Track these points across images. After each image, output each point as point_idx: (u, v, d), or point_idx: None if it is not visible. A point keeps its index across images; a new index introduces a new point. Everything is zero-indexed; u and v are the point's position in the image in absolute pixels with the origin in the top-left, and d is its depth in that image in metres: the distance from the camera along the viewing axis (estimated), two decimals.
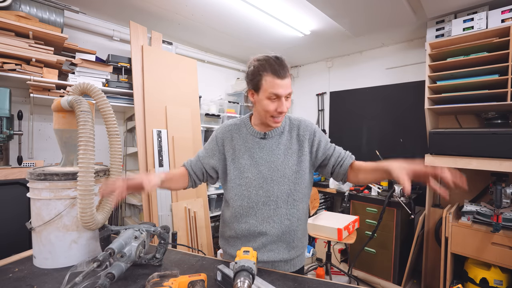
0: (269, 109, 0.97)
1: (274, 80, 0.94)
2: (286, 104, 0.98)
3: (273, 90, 0.94)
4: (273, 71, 0.93)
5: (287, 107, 0.99)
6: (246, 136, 1.08)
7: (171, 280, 0.71)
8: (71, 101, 0.90)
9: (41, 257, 0.90)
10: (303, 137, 1.07)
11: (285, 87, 0.95)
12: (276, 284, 0.83)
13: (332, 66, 3.76)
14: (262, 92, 0.97)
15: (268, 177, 1.02)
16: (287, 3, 2.22)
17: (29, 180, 0.90)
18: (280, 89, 0.94)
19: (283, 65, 0.95)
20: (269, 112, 0.97)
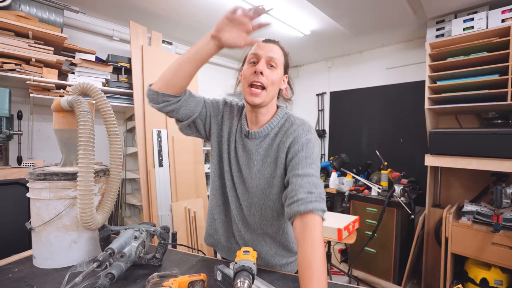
0: (246, 73, 0.85)
1: (258, 43, 0.86)
2: (268, 72, 0.84)
3: (252, 51, 0.86)
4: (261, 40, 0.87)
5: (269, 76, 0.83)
6: (238, 127, 0.96)
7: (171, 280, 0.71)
8: (71, 101, 0.90)
9: (41, 257, 0.89)
10: (285, 142, 0.86)
11: (266, 49, 0.85)
12: (276, 284, 0.83)
13: (332, 66, 3.76)
14: (245, 62, 0.89)
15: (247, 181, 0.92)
16: (287, 3, 2.22)
17: (29, 180, 0.90)
18: (259, 50, 0.85)
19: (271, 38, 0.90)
20: (246, 79, 0.85)
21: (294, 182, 0.76)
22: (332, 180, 3.02)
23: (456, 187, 2.54)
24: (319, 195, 0.74)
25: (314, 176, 0.77)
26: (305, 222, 0.70)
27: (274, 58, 0.85)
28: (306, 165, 0.78)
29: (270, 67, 0.85)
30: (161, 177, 2.31)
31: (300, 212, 0.71)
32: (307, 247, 0.66)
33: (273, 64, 0.85)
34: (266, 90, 0.84)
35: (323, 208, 0.72)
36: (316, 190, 0.74)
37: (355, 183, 2.99)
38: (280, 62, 0.87)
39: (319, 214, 0.71)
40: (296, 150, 0.82)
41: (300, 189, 0.74)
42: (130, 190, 2.83)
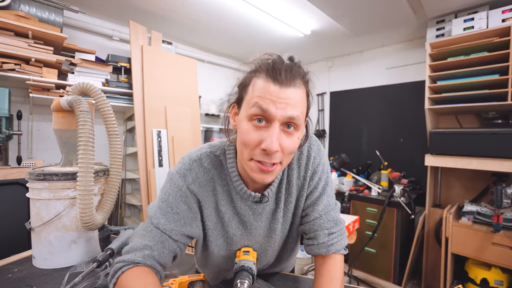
0: (247, 140, 0.55)
1: (267, 83, 0.54)
2: (284, 140, 0.55)
3: (258, 100, 0.53)
4: (269, 70, 0.54)
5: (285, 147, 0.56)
6: (231, 194, 0.68)
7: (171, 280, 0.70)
8: (71, 101, 0.90)
9: (40, 257, 0.89)
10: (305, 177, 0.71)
11: (284, 102, 0.53)
12: (276, 284, 0.83)
13: (332, 66, 3.76)
14: (244, 105, 0.58)
15: (268, 248, 0.76)
16: (287, 2, 2.22)
17: (29, 180, 0.90)
18: (271, 104, 0.52)
19: (291, 67, 0.54)
20: (248, 147, 0.56)
21: (313, 220, 0.70)
22: (332, 180, 3.01)
23: (456, 187, 2.54)
24: (340, 232, 0.71)
25: (333, 208, 0.72)
26: (326, 260, 0.69)
27: (295, 118, 0.54)
28: (326, 196, 0.72)
29: (287, 128, 0.56)
30: (161, 177, 2.30)
31: (323, 254, 0.69)
32: (325, 280, 0.66)
33: (293, 125, 0.56)
34: (282, 164, 0.59)
35: (344, 245, 0.71)
36: (336, 228, 0.71)
37: (355, 183, 2.98)
38: (302, 119, 0.57)
39: (340, 252, 0.70)
40: (316, 182, 0.71)
41: (321, 231, 0.69)
42: (130, 190, 2.83)
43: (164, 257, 0.62)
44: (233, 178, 0.66)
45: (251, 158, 0.57)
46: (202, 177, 0.66)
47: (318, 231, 0.70)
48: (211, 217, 0.69)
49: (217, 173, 0.68)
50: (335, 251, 0.69)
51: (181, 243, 0.65)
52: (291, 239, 0.80)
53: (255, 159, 0.56)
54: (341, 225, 0.73)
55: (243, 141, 0.57)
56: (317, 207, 0.71)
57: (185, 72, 2.66)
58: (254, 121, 0.55)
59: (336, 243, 0.69)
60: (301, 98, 0.56)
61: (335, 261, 0.68)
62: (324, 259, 0.69)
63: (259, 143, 0.55)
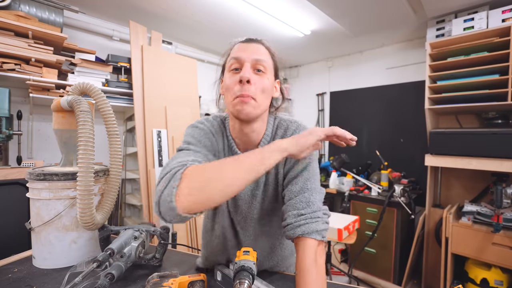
0: (228, 83, 0.69)
1: (239, 45, 0.73)
2: (256, 78, 0.69)
3: (233, 54, 0.71)
4: (240, 40, 0.75)
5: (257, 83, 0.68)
6: (225, 149, 0.81)
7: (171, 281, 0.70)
8: (71, 101, 0.90)
9: (40, 257, 0.89)
10: None
11: (251, 50, 0.70)
12: (276, 284, 0.83)
13: (332, 66, 3.76)
14: (226, 70, 0.74)
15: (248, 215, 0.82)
16: (287, 2, 2.22)
17: (29, 180, 0.90)
18: (242, 52, 0.70)
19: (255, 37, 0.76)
20: (229, 90, 0.69)
21: (288, 201, 0.71)
22: (332, 180, 3.01)
23: (456, 187, 2.54)
24: (311, 215, 0.67)
25: (309, 190, 0.70)
26: (297, 246, 0.67)
27: (261, 60, 0.70)
28: (302, 178, 0.72)
29: (257, 72, 0.70)
30: None
31: (291, 237, 0.67)
32: (297, 272, 0.64)
33: (261, 68, 0.70)
34: (256, 100, 0.68)
35: (315, 229, 0.65)
36: (308, 209, 0.67)
37: (355, 183, 2.98)
38: (269, 65, 0.72)
39: (310, 237, 0.65)
40: (293, 163, 0.74)
41: (291, 211, 0.69)
42: (130, 190, 2.83)
43: None
44: (229, 136, 0.79)
45: (233, 97, 0.68)
46: (216, 127, 0.80)
47: (289, 211, 0.69)
48: None
49: (220, 133, 0.81)
50: (302, 234, 0.65)
51: None
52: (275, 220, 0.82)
53: (235, 95, 0.67)
54: (314, 208, 0.68)
55: (226, 87, 0.71)
56: (291, 188, 0.72)
57: (185, 72, 2.66)
58: (232, 70, 0.70)
59: (304, 225, 0.65)
60: (265, 51, 0.73)
61: (304, 248, 0.64)
62: (297, 246, 0.66)
63: (236, 81, 0.68)
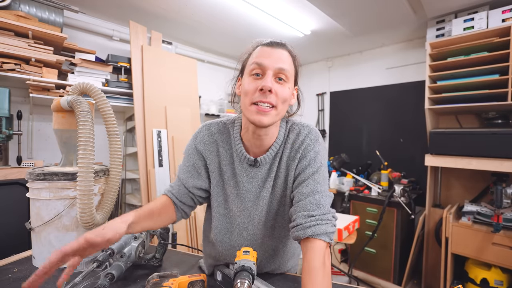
0: (248, 88, 0.69)
1: (262, 48, 0.71)
2: (278, 87, 0.68)
3: (256, 59, 0.69)
4: (264, 42, 0.73)
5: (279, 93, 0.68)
6: (232, 156, 0.80)
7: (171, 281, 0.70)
8: (71, 101, 0.90)
9: (40, 257, 0.89)
10: (294, 158, 0.77)
11: (275, 58, 0.68)
12: (276, 284, 0.83)
13: (332, 66, 3.76)
14: (246, 72, 0.73)
15: (255, 217, 0.80)
16: (287, 2, 2.22)
17: (29, 180, 0.90)
18: (265, 58, 0.68)
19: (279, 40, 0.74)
20: (248, 95, 0.68)
21: (297, 202, 0.72)
22: (332, 180, 3.01)
23: (456, 187, 2.54)
24: (321, 217, 0.68)
25: (319, 193, 0.71)
26: (306, 246, 0.66)
27: (284, 69, 0.69)
28: (313, 181, 0.73)
29: (278, 80, 0.69)
30: (161, 177, 2.30)
31: (300, 237, 0.67)
32: (304, 273, 0.63)
33: (283, 77, 0.69)
34: (277, 109, 0.69)
35: (324, 231, 0.66)
36: (318, 211, 0.69)
37: (355, 183, 2.98)
38: (290, 74, 0.71)
39: (320, 238, 0.66)
40: (304, 166, 0.75)
41: (301, 212, 0.69)
42: (130, 190, 2.83)
43: (180, 196, 0.81)
44: (236, 141, 0.79)
45: (251, 102, 0.68)
46: (207, 139, 0.82)
47: (299, 212, 0.70)
48: (214, 174, 0.82)
49: (222, 138, 0.82)
50: (312, 235, 0.65)
51: (191, 192, 0.82)
52: (280, 221, 0.82)
53: (254, 102, 0.68)
54: (324, 210, 0.69)
55: (245, 90, 0.70)
56: (302, 189, 0.73)
57: (185, 72, 2.66)
58: (253, 75, 0.69)
59: (315, 226, 0.66)
60: (288, 57, 0.72)
61: (314, 249, 0.65)
62: (305, 247, 0.66)
63: (257, 89, 0.67)
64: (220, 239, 0.83)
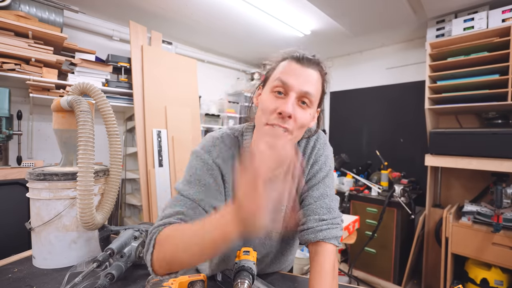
0: (266, 106, 0.63)
1: (290, 64, 0.64)
2: (298, 112, 0.62)
3: (281, 75, 0.63)
4: (294, 55, 0.65)
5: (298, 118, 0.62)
6: None
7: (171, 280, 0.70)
8: (71, 101, 0.90)
9: (40, 257, 0.89)
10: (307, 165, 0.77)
11: (302, 79, 0.62)
12: (276, 284, 0.83)
13: (332, 66, 3.76)
14: (268, 84, 0.67)
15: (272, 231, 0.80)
16: (287, 2, 2.22)
17: (29, 180, 0.90)
18: (291, 77, 0.62)
19: (312, 56, 0.66)
20: (265, 114, 0.63)
21: (307, 206, 0.72)
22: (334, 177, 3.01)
23: (456, 187, 2.54)
24: (332, 221, 0.69)
25: (329, 197, 0.72)
26: (315, 250, 0.67)
27: (310, 94, 0.63)
28: (323, 185, 0.74)
29: (301, 104, 0.63)
30: (161, 177, 2.30)
31: (311, 241, 0.68)
32: (315, 275, 0.63)
33: (307, 102, 0.64)
34: (292, 134, 0.64)
35: (335, 235, 0.67)
36: (329, 215, 0.69)
37: (355, 183, 2.98)
38: (316, 98, 0.66)
39: (330, 242, 0.66)
40: (315, 171, 0.76)
41: (312, 216, 0.70)
42: (130, 190, 2.83)
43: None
44: None
45: (267, 123, 0.63)
46: (225, 153, 0.73)
47: (309, 216, 0.70)
48: (230, 192, 0.74)
49: (236, 151, 0.75)
50: (323, 239, 0.66)
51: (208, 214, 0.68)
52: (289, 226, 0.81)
53: (270, 123, 0.62)
54: (335, 215, 0.71)
55: (263, 107, 0.64)
56: (312, 193, 0.73)
57: (185, 72, 2.66)
58: (275, 93, 0.63)
59: (326, 230, 0.67)
60: (317, 80, 0.66)
61: (324, 252, 0.65)
62: (315, 250, 0.67)
63: (276, 110, 0.61)
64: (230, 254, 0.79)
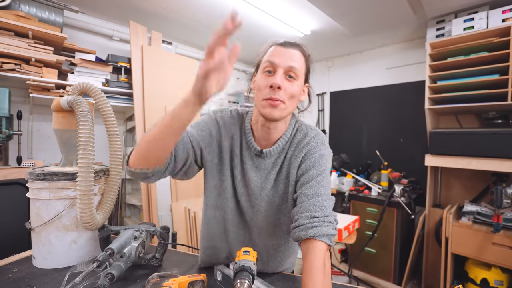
0: (260, 84, 0.75)
1: (276, 48, 0.76)
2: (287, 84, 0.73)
3: (268, 57, 0.74)
4: (278, 41, 0.78)
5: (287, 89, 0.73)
6: (242, 143, 0.84)
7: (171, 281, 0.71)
8: (71, 101, 0.90)
9: (40, 257, 0.89)
10: (297, 156, 0.81)
11: (285, 56, 0.73)
12: (276, 284, 0.83)
13: (332, 66, 3.76)
14: (260, 69, 0.78)
15: (254, 205, 0.84)
16: (287, 2, 2.22)
17: (29, 180, 0.90)
18: (277, 57, 0.73)
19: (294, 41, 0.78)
20: (261, 92, 0.74)
21: (301, 203, 0.73)
22: (332, 180, 3.01)
23: (456, 187, 2.54)
24: (323, 219, 0.69)
25: (323, 195, 0.73)
26: (307, 247, 0.67)
27: (294, 68, 0.73)
28: (316, 183, 0.74)
29: (288, 78, 0.74)
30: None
31: (302, 238, 0.68)
32: (305, 273, 0.64)
33: (293, 75, 0.74)
34: (285, 103, 0.73)
35: (326, 233, 0.67)
36: (321, 212, 0.70)
37: (355, 183, 2.98)
38: (301, 72, 0.76)
39: (321, 239, 0.66)
40: (307, 167, 0.77)
41: (303, 213, 0.70)
42: (130, 190, 2.83)
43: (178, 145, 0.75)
44: (247, 130, 0.83)
45: (263, 98, 0.73)
46: (227, 119, 0.86)
47: (301, 213, 0.71)
48: (224, 152, 0.83)
49: (238, 125, 0.86)
50: (313, 235, 0.66)
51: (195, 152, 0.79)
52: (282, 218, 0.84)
53: (265, 98, 0.72)
54: (327, 213, 0.70)
55: (258, 87, 0.76)
56: (305, 191, 0.74)
57: (185, 72, 2.66)
58: (266, 72, 0.74)
59: (317, 227, 0.67)
60: (299, 57, 0.75)
61: (315, 250, 0.65)
62: (306, 248, 0.67)
63: (267, 85, 0.72)
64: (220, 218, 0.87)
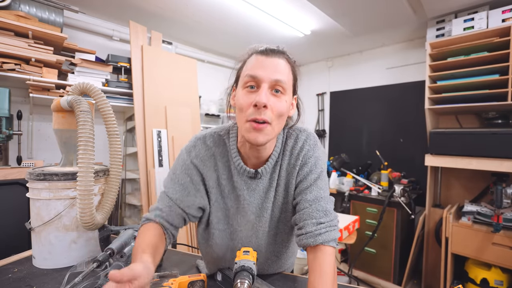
0: (242, 103, 0.64)
1: (256, 57, 0.66)
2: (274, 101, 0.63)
3: (249, 70, 0.64)
4: (258, 49, 0.67)
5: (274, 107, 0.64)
6: (231, 169, 0.76)
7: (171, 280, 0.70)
8: (71, 101, 0.90)
9: (40, 257, 0.89)
10: (294, 165, 0.75)
11: (270, 68, 0.63)
12: (276, 284, 0.83)
13: (332, 66, 3.76)
14: (240, 83, 0.68)
15: (259, 229, 0.79)
16: (287, 2, 2.21)
17: (29, 180, 0.90)
18: (260, 69, 0.63)
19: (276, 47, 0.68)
20: (243, 112, 0.64)
21: (303, 209, 0.71)
22: (332, 180, 3.01)
23: (456, 187, 2.54)
24: (330, 224, 0.68)
25: (324, 199, 0.71)
26: (315, 253, 0.66)
27: (280, 81, 0.64)
28: (316, 187, 0.72)
29: (275, 93, 0.64)
30: (161, 177, 2.30)
31: (310, 245, 0.67)
32: (315, 276, 0.63)
33: (280, 89, 0.65)
34: (271, 125, 0.64)
35: (333, 237, 0.67)
36: (326, 218, 0.69)
37: (355, 183, 2.98)
38: (288, 85, 0.67)
39: (329, 245, 0.66)
40: (306, 173, 0.74)
41: (309, 220, 0.69)
42: (130, 190, 2.83)
43: (172, 218, 0.73)
44: (233, 154, 0.75)
45: (246, 119, 0.64)
46: (204, 153, 0.76)
47: (306, 220, 0.69)
48: (213, 190, 0.77)
49: (219, 151, 0.77)
50: (322, 242, 0.66)
51: (186, 212, 0.75)
52: (282, 227, 0.81)
53: (249, 119, 0.63)
54: (331, 217, 0.70)
55: (239, 106, 0.65)
56: (305, 197, 0.72)
57: (185, 72, 2.66)
58: (247, 88, 0.65)
59: (325, 233, 0.67)
60: (285, 67, 0.66)
61: (324, 255, 0.65)
62: (315, 252, 0.66)
63: (251, 104, 0.63)
64: (222, 255, 0.81)
